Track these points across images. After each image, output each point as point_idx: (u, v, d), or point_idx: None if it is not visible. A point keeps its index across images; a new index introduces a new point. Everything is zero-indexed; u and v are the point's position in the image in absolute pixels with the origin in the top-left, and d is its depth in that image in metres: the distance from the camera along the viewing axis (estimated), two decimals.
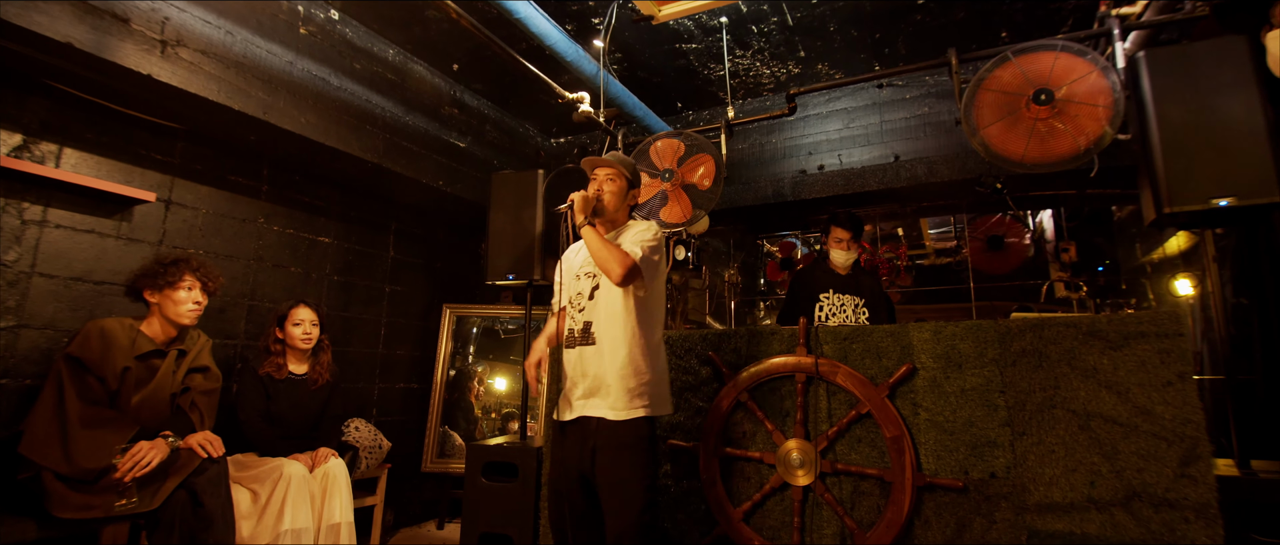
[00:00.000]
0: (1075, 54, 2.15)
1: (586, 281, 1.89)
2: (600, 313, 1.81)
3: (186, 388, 2.18)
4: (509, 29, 2.61)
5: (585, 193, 1.87)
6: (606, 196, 1.89)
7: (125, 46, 2.19)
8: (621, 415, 1.73)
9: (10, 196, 2.30)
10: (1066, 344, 1.91)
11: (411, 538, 3.49)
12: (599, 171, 1.93)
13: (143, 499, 1.89)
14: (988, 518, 1.92)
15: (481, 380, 4.25)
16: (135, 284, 2.14)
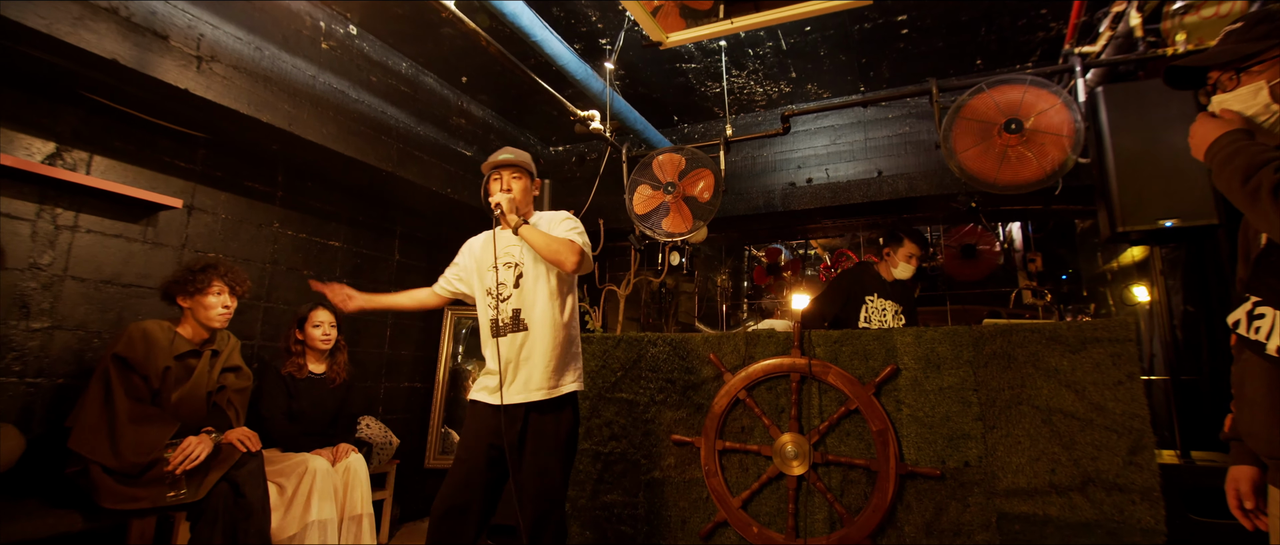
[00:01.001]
0: (1042, 88, 2.39)
1: (507, 271, 1.99)
2: (527, 299, 1.93)
3: (222, 386, 2.31)
4: (522, 46, 2.77)
5: (507, 194, 1.99)
6: (518, 194, 2.01)
7: (165, 62, 2.30)
8: (553, 394, 1.89)
9: (45, 203, 2.39)
10: (1032, 347, 2.15)
11: (415, 532, 3.62)
12: (504, 172, 2.04)
13: (190, 490, 2.02)
14: (962, 502, 2.15)
15: (473, 377, 4.39)
16: (169, 289, 2.26)
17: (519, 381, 1.89)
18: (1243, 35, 1.14)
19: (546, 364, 1.89)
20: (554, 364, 1.90)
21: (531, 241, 1.89)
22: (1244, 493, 1.16)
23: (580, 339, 2.06)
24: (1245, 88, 1.13)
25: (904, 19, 2.89)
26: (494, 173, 2.05)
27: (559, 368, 1.92)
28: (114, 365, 2.06)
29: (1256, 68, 1.12)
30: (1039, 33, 3.00)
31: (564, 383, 1.93)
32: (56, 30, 2.02)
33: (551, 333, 1.91)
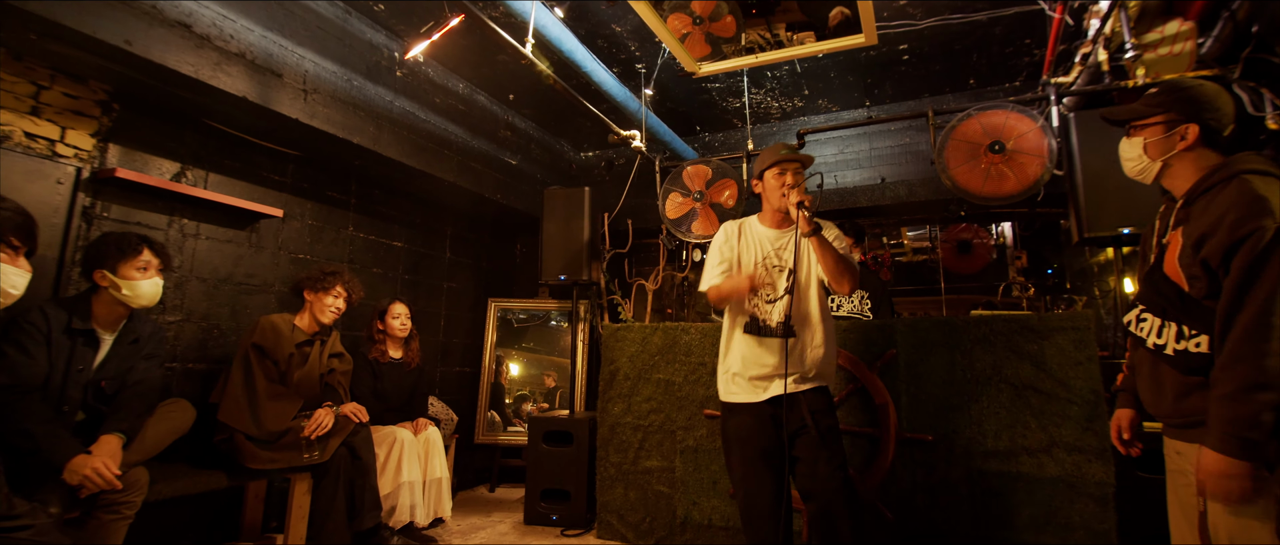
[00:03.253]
0: (1022, 114, 2.81)
1: (777, 274, 1.97)
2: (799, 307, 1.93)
3: (331, 369, 2.75)
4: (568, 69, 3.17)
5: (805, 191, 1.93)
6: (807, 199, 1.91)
7: (280, 96, 2.73)
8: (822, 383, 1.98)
9: (173, 214, 2.83)
10: (1008, 334, 2.58)
11: (470, 497, 4.09)
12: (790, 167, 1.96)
13: (319, 453, 2.47)
14: (949, 462, 2.60)
15: (503, 363, 4.82)
16: (300, 284, 2.70)
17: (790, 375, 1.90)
18: (1147, 100, 1.54)
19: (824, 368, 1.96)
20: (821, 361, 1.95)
21: (824, 257, 1.86)
22: (1124, 427, 1.61)
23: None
24: (1135, 139, 1.52)
25: (904, 47, 3.30)
26: (779, 165, 1.97)
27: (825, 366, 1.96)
28: (253, 351, 2.51)
29: (1145, 126, 1.51)
30: (1024, 58, 3.41)
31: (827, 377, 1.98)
32: (201, 74, 2.45)
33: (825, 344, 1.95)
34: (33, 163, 2.38)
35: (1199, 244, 1.36)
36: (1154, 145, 1.48)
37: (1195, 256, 1.37)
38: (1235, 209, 1.31)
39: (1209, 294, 1.37)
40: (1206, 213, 1.38)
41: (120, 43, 2.20)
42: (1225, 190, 1.38)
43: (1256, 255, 1.25)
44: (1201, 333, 1.36)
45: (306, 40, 2.88)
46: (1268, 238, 1.25)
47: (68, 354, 2.00)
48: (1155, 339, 1.45)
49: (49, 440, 1.80)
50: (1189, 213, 1.44)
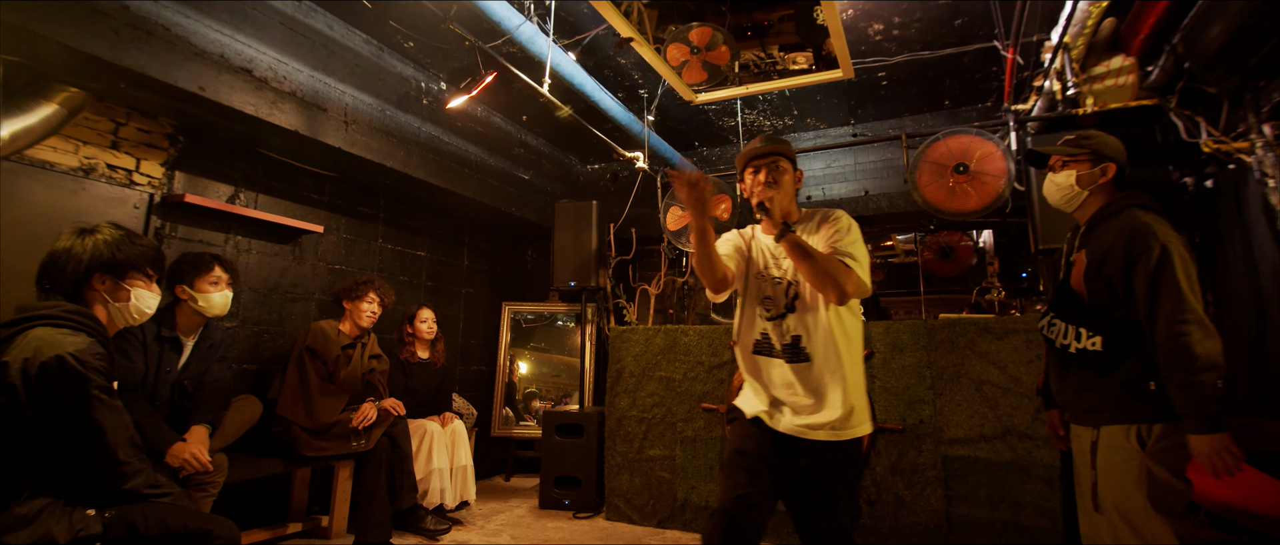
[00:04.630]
0: (985, 138, 3.15)
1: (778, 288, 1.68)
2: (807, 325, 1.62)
3: (371, 368, 3.11)
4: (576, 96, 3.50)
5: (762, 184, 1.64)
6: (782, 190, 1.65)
7: (326, 127, 3.08)
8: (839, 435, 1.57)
9: (228, 232, 3.19)
10: (970, 335, 2.92)
11: (488, 485, 4.45)
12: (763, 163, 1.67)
13: (365, 441, 2.83)
14: (918, 449, 2.94)
15: (513, 361, 5.16)
16: (339, 295, 3.06)
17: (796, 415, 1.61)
18: (1070, 144, 1.87)
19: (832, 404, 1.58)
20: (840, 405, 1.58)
21: (800, 260, 1.53)
22: (1055, 425, 1.94)
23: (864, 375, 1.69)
24: (1065, 173, 1.86)
25: (883, 75, 3.63)
26: (750, 164, 1.71)
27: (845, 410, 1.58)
28: (306, 353, 2.87)
29: (1075, 162, 1.85)
30: (992, 83, 3.74)
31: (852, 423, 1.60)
32: (261, 112, 2.80)
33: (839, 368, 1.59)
34: (114, 190, 2.74)
35: (1100, 262, 1.71)
36: (1084, 177, 1.82)
37: (1098, 273, 1.72)
38: (1126, 234, 1.67)
39: (1106, 304, 1.71)
40: (1103, 237, 1.74)
41: (195, 89, 2.55)
42: (1117, 219, 1.74)
43: (1152, 271, 1.58)
44: (1097, 334, 1.70)
45: (346, 77, 3.22)
46: (1156, 255, 1.60)
47: (158, 358, 2.36)
48: (1062, 340, 1.79)
49: (154, 430, 2.15)
50: (1090, 237, 1.80)
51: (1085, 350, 1.72)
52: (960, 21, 3.08)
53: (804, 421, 1.60)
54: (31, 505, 1.32)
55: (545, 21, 2.92)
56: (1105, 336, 1.68)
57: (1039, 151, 1.93)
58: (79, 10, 2.21)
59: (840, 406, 1.58)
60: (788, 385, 1.64)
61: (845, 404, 1.59)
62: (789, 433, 1.61)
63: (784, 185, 1.68)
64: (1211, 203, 3.15)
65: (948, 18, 3.06)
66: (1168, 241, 1.61)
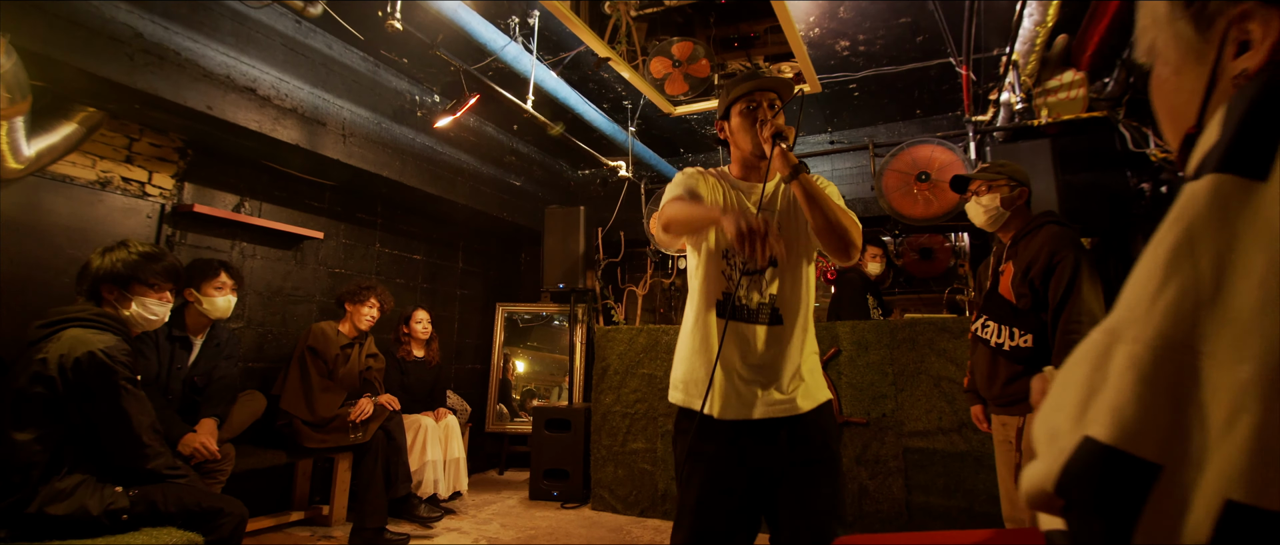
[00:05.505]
0: (946, 147, 3.33)
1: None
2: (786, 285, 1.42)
3: (369, 367, 3.32)
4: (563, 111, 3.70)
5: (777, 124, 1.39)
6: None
7: (325, 141, 3.29)
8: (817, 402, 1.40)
9: (234, 239, 3.39)
10: (929, 335, 3.11)
11: (482, 478, 4.65)
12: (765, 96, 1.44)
13: (362, 434, 3.03)
14: (881, 441, 3.13)
15: (507, 360, 5.36)
16: (341, 297, 3.27)
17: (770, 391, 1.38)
18: (989, 172, 2.09)
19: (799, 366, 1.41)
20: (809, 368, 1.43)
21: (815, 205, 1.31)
22: (978, 418, 2.15)
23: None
24: (989, 195, 2.08)
25: (854, 87, 3.82)
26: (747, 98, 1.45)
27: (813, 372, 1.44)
28: (308, 352, 3.07)
29: (998, 187, 2.07)
30: (959, 94, 3.92)
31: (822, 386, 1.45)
32: (264, 127, 3.01)
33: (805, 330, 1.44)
34: (129, 201, 2.94)
35: (1026, 271, 1.95)
36: (1006, 199, 2.08)
37: (1024, 280, 1.95)
38: (1048, 245, 1.92)
39: (1032, 307, 1.93)
40: (1027, 249, 1.97)
41: (204, 108, 2.75)
42: (1039, 234, 1.98)
43: (1067, 277, 1.84)
44: (1027, 333, 1.92)
45: (344, 93, 3.43)
46: (1071, 263, 1.84)
47: (170, 355, 2.57)
48: (996, 339, 2.01)
49: (167, 422, 2.36)
50: (1017, 250, 2.03)
51: (1018, 347, 1.94)
52: (921, 38, 3.26)
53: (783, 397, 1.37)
54: (69, 481, 1.53)
55: (530, 41, 3.12)
56: (1035, 335, 1.91)
57: (962, 177, 2.16)
58: (97, 39, 2.41)
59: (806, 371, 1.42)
60: (761, 354, 1.39)
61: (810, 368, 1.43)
62: (765, 417, 1.36)
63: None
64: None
65: (909, 35, 3.24)
66: (1078, 255, 1.85)
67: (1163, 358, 0.35)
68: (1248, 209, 0.35)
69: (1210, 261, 0.35)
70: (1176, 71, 0.53)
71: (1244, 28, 0.48)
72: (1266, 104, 0.36)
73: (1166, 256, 0.37)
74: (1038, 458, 0.42)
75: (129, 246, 1.88)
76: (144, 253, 1.86)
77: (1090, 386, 0.39)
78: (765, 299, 1.42)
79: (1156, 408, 0.35)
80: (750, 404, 1.37)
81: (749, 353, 1.39)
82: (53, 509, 1.48)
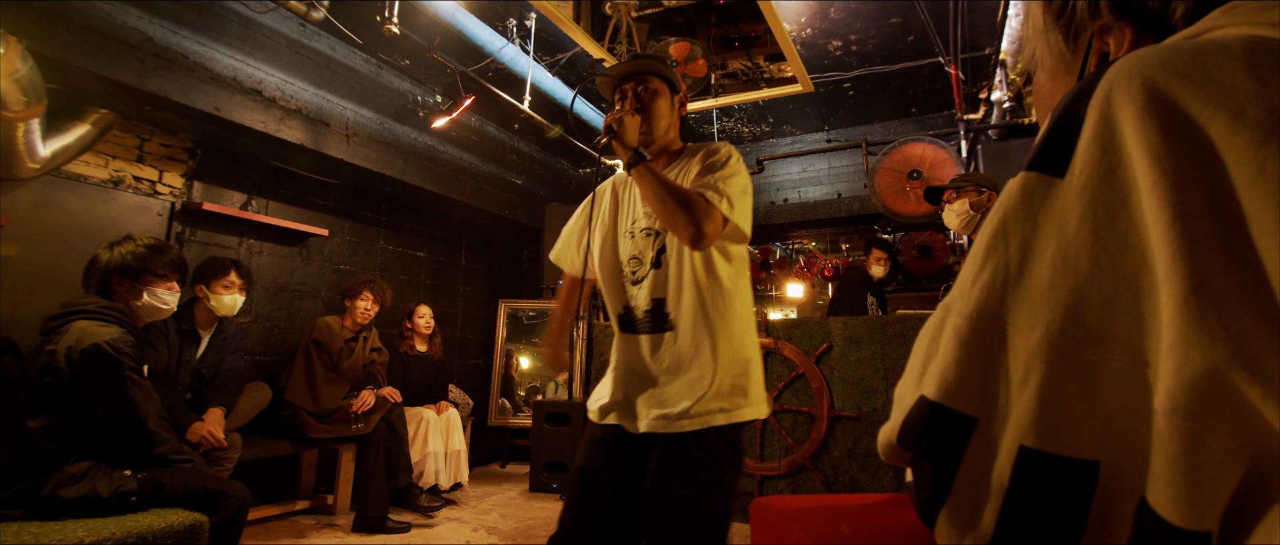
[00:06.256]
0: (937, 146, 3.37)
1: (644, 240, 1.35)
2: (672, 283, 1.29)
3: (372, 360, 3.41)
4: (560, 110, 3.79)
5: (621, 111, 1.30)
6: (656, 116, 1.34)
7: (329, 140, 3.38)
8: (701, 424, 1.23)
9: (242, 236, 3.49)
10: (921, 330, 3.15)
11: (484, 471, 4.74)
12: (628, 85, 1.36)
13: (364, 425, 3.12)
14: (872, 434, 3.18)
15: (511, 356, 5.44)
16: (343, 294, 3.36)
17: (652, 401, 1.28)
18: (960, 180, 2.17)
19: (698, 379, 1.26)
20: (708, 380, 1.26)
21: (644, 192, 1.25)
22: None
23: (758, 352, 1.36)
24: (959, 201, 2.15)
25: (848, 86, 3.87)
26: (617, 90, 1.39)
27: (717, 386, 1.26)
28: (312, 345, 3.17)
29: (969, 194, 2.15)
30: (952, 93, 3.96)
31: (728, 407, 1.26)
32: (269, 128, 3.10)
33: (708, 335, 1.28)
34: (140, 199, 3.05)
35: None
36: (976, 204, 2.17)
37: None
38: None
39: None
40: None
41: (212, 109, 2.85)
42: None
43: None
44: None
45: (348, 93, 3.52)
46: None
47: (179, 348, 2.67)
48: None
49: (176, 411, 2.45)
50: None
51: None
52: (912, 37, 3.31)
53: (661, 412, 1.25)
54: (80, 465, 1.62)
55: (526, 42, 3.19)
56: None
57: (935, 188, 2.25)
58: (109, 44, 2.51)
59: (706, 383, 1.25)
60: (645, 366, 1.30)
61: (713, 381, 1.25)
62: (648, 431, 1.26)
63: (657, 110, 1.34)
64: None
65: (901, 34, 3.28)
66: None
67: (977, 328, 0.42)
68: (1047, 202, 0.41)
69: (1017, 246, 0.41)
70: (1051, 78, 0.59)
71: (1104, 40, 0.54)
72: (1070, 110, 0.42)
73: (987, 242, 0.43)
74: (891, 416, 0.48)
75: (135, 240, 1.97)
76: (150, 245, 1.95)
77: (928, 354, 0.45)
78: (649, 305, 1.31)
79: (972, 370, 0.41)
80: (632, 417, 1.30)
81: (638, 364, 1.32)
82: (65, 492, 1.57)
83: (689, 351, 1.27)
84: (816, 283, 5.21)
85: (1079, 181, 0.40)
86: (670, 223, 1.21)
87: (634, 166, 1.24)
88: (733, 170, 1.28)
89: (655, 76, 1.36)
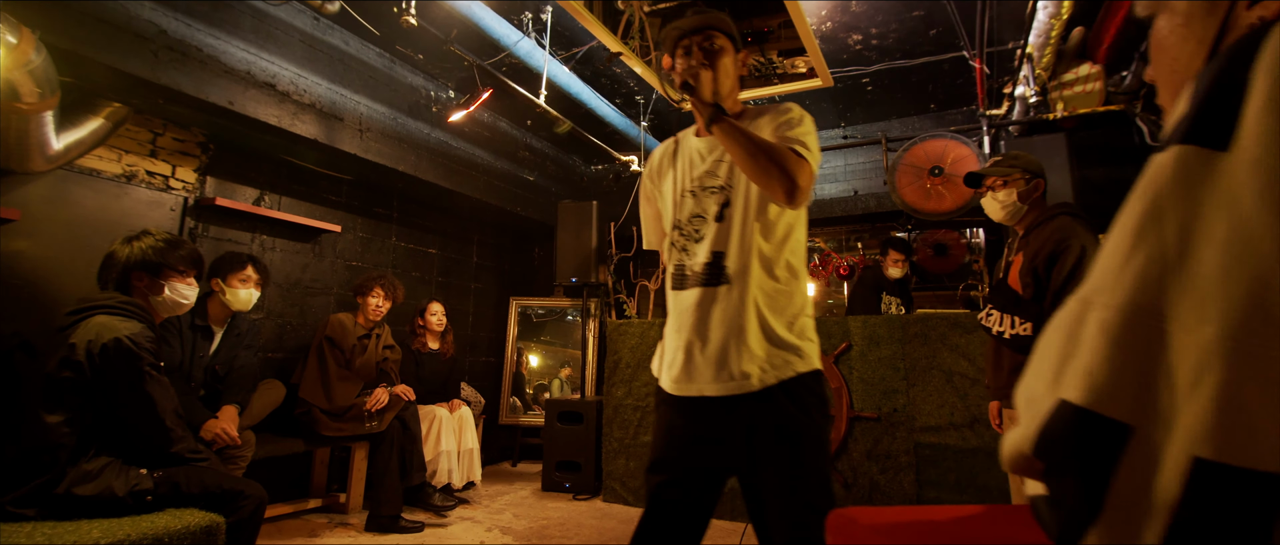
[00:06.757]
0: (960, 142, 3.31)
1: (709, 198, 1.31)
2: (733, 238, 1.27)
3: (385, 357, 3.37)
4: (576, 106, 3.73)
5: (693, 66, 1.28)
6: (721, 72, 1.30)
7: (343, 135, 3.35)
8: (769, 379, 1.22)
9: (255, 232, 3.46)
10: (942, 329, 3.09)
11: (496, 470, 4.71)
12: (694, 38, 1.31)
13: (378, 424, 3.09)
14: (892, 436, 3.12)
15: (521, 353, 5.40)
16: (355, 291, 3.32)
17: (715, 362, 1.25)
18: (1003, 165, 2.07)
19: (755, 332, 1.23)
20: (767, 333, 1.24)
21: (732, 148, 1.20)
22: (994, 413, 2.14)
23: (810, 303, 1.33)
24: (1005, 190, 2.06)
25: (867, 81, 3.80)
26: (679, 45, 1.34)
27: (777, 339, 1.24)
28: (325, 343, 3.14)
29: (1013, 181, 2.05)
30: (973, 88, 3.89)
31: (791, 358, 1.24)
32: (283, 123, 3.07)
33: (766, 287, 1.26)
34: (153, 194, 3.02)
35: (1032, 260, 1.93)
36: (1023, 193, 2.05)
37: (1030, 269, 1.93)
38: (1056, 233, 1.90)
39: (1035, 296, 1.92)
40: (1038, 239, 1.95)
41: (225, 103, 2.82)
42: (1051, 224, 1.96)
43: (1070, 263, 1.82)
44: (1027, 321, 1.90)
45: (361, 88, 3.48)
46: (1075, 253, 1.83)
47: (192, 344, 2.64)
48: (998, 327, 1.99)
49: (190, 408, 2.42)
50: (1027, 241, 2.01)
51: (1018, 335, 1.93)
52: (935, 31, 3.24)
53: (727, 371, 1.22)
54: (96, 462, 1.58)
55: (542, 36, 3.14)
56: (1035, 323, 1.88)
57: (976, 173, 2.15)
58: (123, 36, 2.48)
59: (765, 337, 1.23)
60: (700, 323, 1.26)
61: (782, 335, 1.24)
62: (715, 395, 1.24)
63: (723, 67, 1.30)
64: None
65: (923, 28, 3.22)
66: (1087, 243, 1.83)
67: (1132, 322, 0.37)
68: (1209, 179, 0.36)
69: (1175, 230, 0.36)
70: (1185, 21, 0.49)
71: None
72: (1229, 75, 0.37)
73: (1135, 226, 0.38)
74: (1018, 423, 0.43)
75: (153, 235, 1.94)
76: (168, 240, 1.92)
77: (1064, 352, 0.40)
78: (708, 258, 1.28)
79: (1127, 370, 0.36)
80: (704, 379, 1.25)
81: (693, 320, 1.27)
82: (80, 490, 1.54)
83: (745, 304, 1.24)
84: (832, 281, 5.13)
85: (1252, 154, 0.35)
86: (762, 177, 1.18)
87: (716, 121, 1.21)
88: (808, 129, 1.27)
89: (720, 32, 1.33)
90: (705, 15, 1.33)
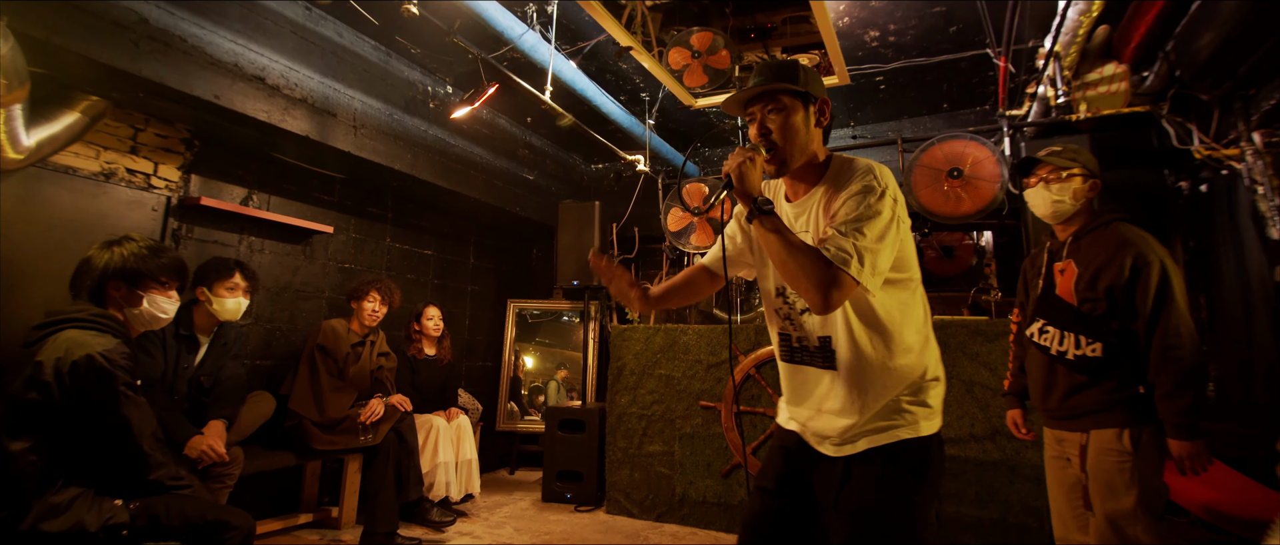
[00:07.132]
0: (979, 143, 3.20)
1: None
2: (840, 327, 1.24)
3: (380, 366, 3.22)
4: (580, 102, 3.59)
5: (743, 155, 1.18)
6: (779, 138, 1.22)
7: (335, 132, 3.18)
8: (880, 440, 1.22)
9: (242, 233, 3.29)
10: (961, 338, 2.98)
11: (492, 478, 4.56)
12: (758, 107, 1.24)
13: (372, 436, 2.93)
14: None
15: (518, 356, 5.26)
16: (349, 296, 3.16)
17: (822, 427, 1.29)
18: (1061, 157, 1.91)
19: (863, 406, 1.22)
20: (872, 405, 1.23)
21: (765, 245, 1.16)
22: (1017, 421, 2.04)
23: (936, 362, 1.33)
24: (1059, 185, 1.88)
25: (880, 79, 3.68)
26: (747, 110, 1.27)
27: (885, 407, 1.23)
28: (317, 351, 2.98)
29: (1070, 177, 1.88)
30: (990, 87, 3.78)
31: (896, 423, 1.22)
32: (273, 118, 2.90)
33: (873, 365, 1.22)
34: (134, 194, 2.85)
35: (1096, 275, 1.77)
36: (1079, 192, 1.86)
37: (1093, 284, 1.78)
38: (1125, 246, 1.74)
39: (1105, 314, 1.77)
40: (1095, 249, 1.80)
41: (211, 97, 2.65)
42: (1107, 233, 1.81)
43: (1155, 287, 1.68)
44: (1095, 341, 1.76)
45: (355, 82, 3.32)
46: (1158, 272, 1.70)
47: (176, 355, 2.48)
48: (1058, 347, 1.84)
49: (173, 424, 2.27)
50: (1079, 247, 1.85)
51: (1084, 356, 1.77)
52: (955, 28, 3.13)
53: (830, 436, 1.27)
54: (65, 494, 1.43)
55: (547, 30, 3.00)
56: (1105, 344, 1.74)
57: (1030, 159, 1.96)
58: (100, 24, 2.31)
59: (870, 408, 1.22)
60: (811, 396, 1.31)
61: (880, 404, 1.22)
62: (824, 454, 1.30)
63: (791, 129, 1.22)
64: (1206, 207, 3.19)
65: (943, 25, 3.11)
66: (1165, 259, 1.71)
67: None
68: None
69: None
70: None
71: None
72: None
73: None
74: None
75: (135, 240, 1.78)
76: (151, 247, 1.77)
77: None
78: (816, 341, 1.30)
79: None
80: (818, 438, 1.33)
81: (803, 393, 1.34)
82: (48, 525, 1.38)
83: (853, 384, 1.24)
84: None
85: None
86: (793, 284, 1.15)
87: (753, 220, 1.16)
88: (874, 210, 1.14)
89: (785, 93, 1.23)
90: (767, 76, 1.24)
